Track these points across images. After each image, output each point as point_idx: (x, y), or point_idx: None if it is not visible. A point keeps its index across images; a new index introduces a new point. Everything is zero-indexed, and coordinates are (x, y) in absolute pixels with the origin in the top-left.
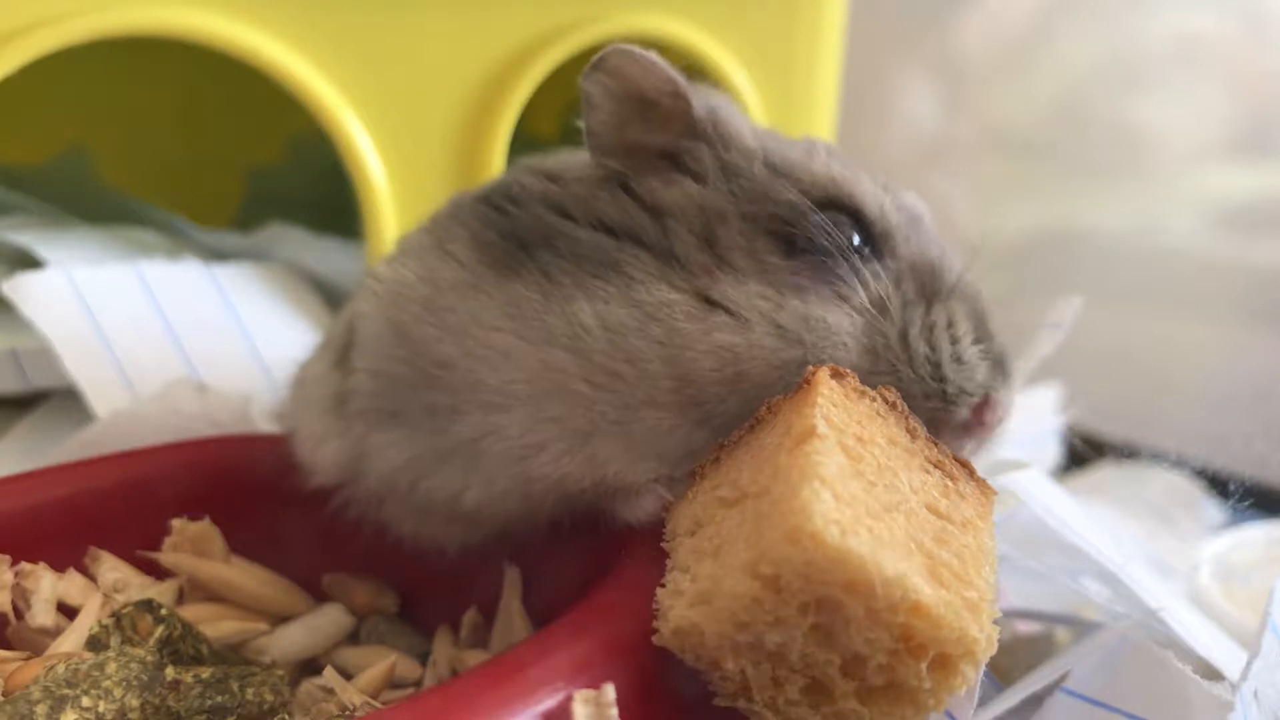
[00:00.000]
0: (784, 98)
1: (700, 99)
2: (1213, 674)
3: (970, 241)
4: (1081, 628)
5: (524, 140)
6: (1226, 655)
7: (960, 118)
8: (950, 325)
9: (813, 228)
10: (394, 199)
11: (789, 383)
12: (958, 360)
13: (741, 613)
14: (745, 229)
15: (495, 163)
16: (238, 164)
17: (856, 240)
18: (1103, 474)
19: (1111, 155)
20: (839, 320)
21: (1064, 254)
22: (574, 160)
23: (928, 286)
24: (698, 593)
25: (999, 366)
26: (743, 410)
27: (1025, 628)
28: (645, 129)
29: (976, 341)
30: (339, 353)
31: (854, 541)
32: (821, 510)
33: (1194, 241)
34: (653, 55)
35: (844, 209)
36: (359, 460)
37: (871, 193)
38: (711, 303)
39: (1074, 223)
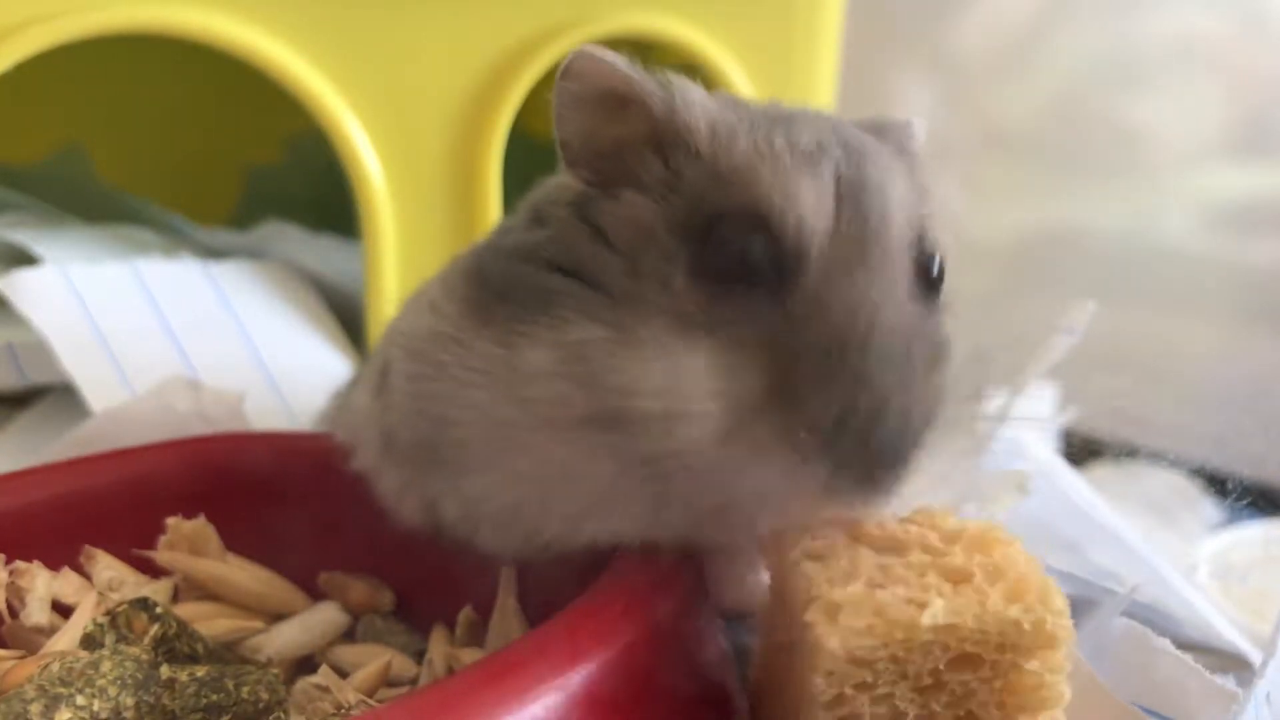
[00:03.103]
0: (781, 96)
1: (662, 98)
2: (1222, 660)
3: (966, 241)
4: (1076, 607)
5: (521, 139)
6: (1235, 645)
7: (957, 117)
8: (827, 402)
9: (713, 246)
10: (391, 197)
11: (677, 435)
12: (822, 440)
13: None
14: (669, 248)
15: (492, 162)
16: (235, 163)
17: (765, 261)
18: (1100, 473)
19: (1109, 155)
20: (699, 377)
21: (1061, 253)
22: (563, 185)
23: (834, 334)
24: None
25: (870, 458)
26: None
27: None
28: (610, 135)
29: (858, 430)
30: (377, 385)
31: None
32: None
33: (1191, 241)
34: (614, 55)
35: (755, 219)
36: (431, 508)
37: (794, 198)
38: (625, 338)
39: (1071, 222)
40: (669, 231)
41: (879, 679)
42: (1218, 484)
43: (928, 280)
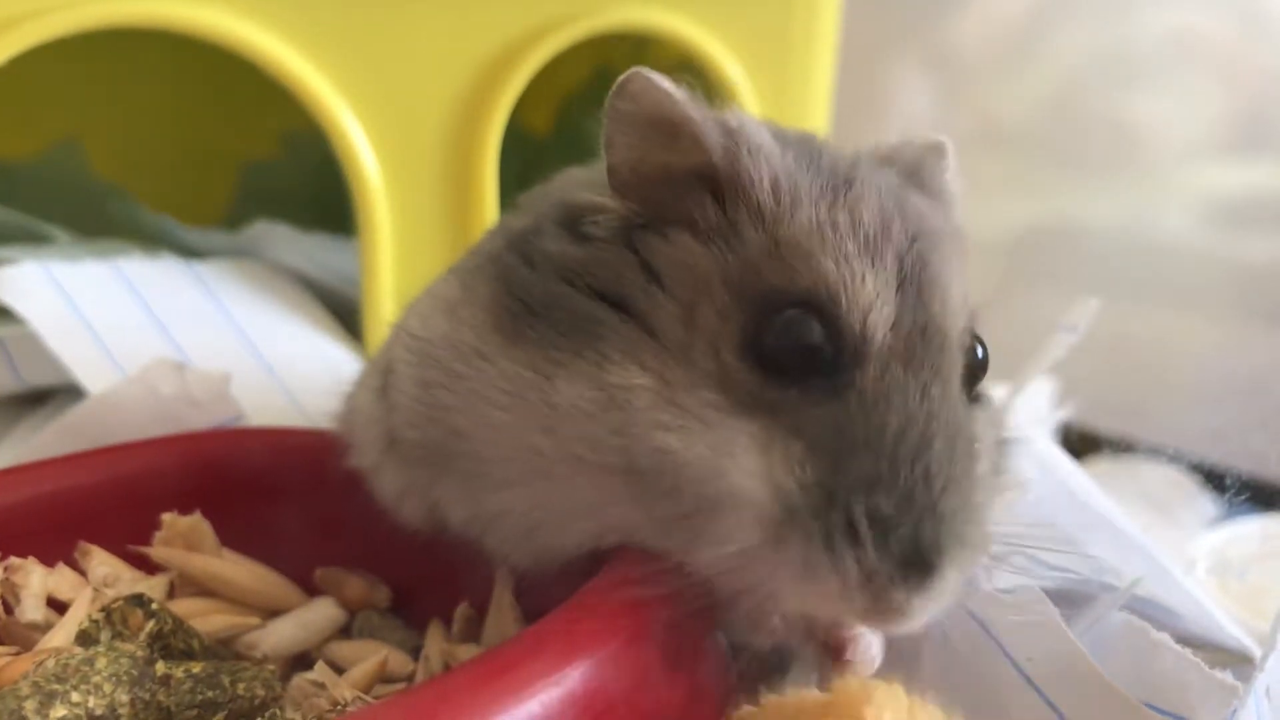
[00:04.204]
0: (779, 91)
1: (723, 140)
2: (1222, 655)
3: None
4: (1074, 601)
5: (517, 134)
6: (1235, 640)
7: (955, 112)
8: (877, 513)
9: (773, 331)
10: (388, 193)
11: (724, 520)
12: (865, 546)
13: None
14: (726, 310)
15: (489, 157)
16: (231, 159)
17: (825, 352)
18: (1098, 468)
19: (1107, 151)
20: (749, 464)
21: (1059, 249)
22: (604, 205)
23: (891, 435)
24: None
25: (908, 566)
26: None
27: None
28: (659, 161)
29: (901, 540)
30: (380, 387)
31: None
32: None
33: (1189, 237)
34: (670, 82)
35: (816, 309)
36: (434, 510)
37: (857, 289)
38: (673, 395)
39: (1069, 218)
40: (725, 287)
41: None
42: (1216, 479)
43: (973, 376)
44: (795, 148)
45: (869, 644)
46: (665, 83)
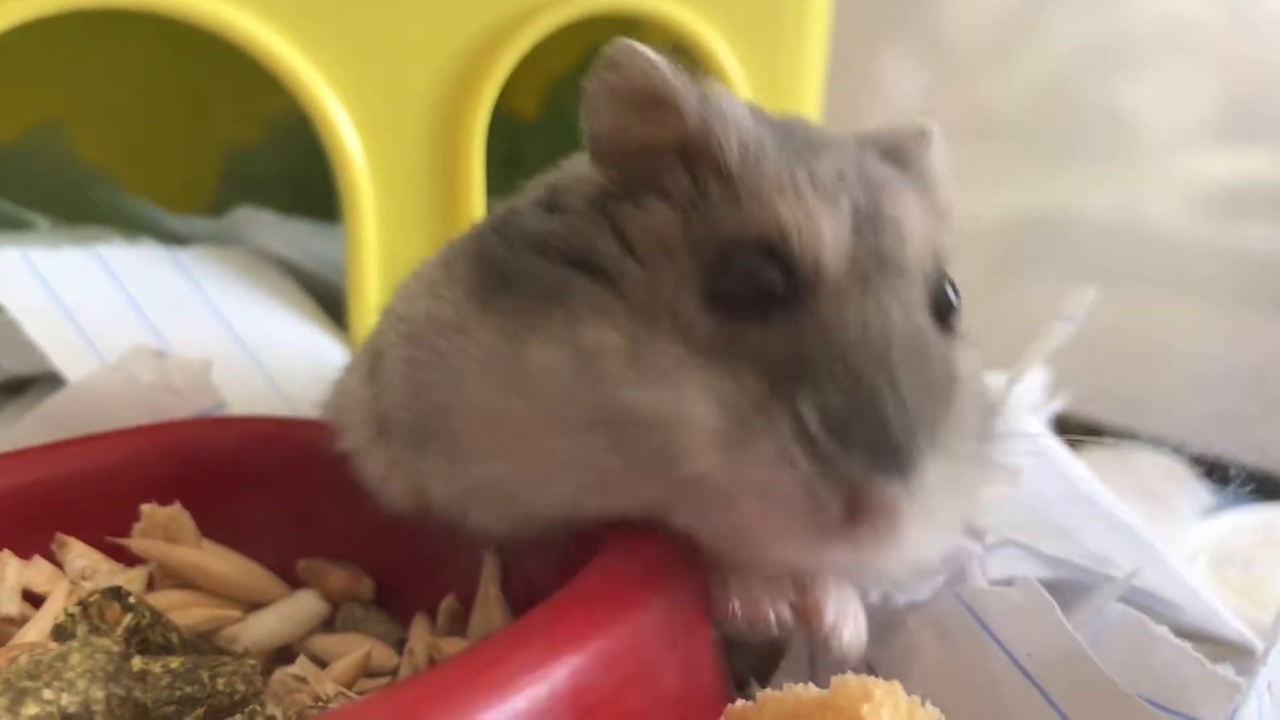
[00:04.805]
0: (770, 75)
1: (698, 107)
2: (1222, 649)
3: (955, 225)
4: (1072, 593)
5: (504, 118)
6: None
7: (947, 100)
8: (828, 406)
9: (730, 275)
10: (373, 178)
11: (677, 442)
12: (826, 448)
13: None
14: (687, 267)
15: (475, 141)
16: (215, 143)
17: (779, 289)
18: (1093, 457)
19: (1098, 139)
20: (706, 399)
21: (1050, 237)
22: (583, 177)
23: (844, 345)
24: None
25: (878, 453)
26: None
27: None
28: (641, 135)
29: (864, 428)
30: (370, 369)
31: None
32: None
33: (1180, 225)
34: (656, 54)
35: (770, 248)
36: (419, 490)
37: (811, 229)
38: (639, 351)
39: (1060, 206)
40: (689, 250)
41: None
42: (1217, 469)
43: (944, 312)
44: (770, 122)
45: (843, 610)
46: (650, 54)
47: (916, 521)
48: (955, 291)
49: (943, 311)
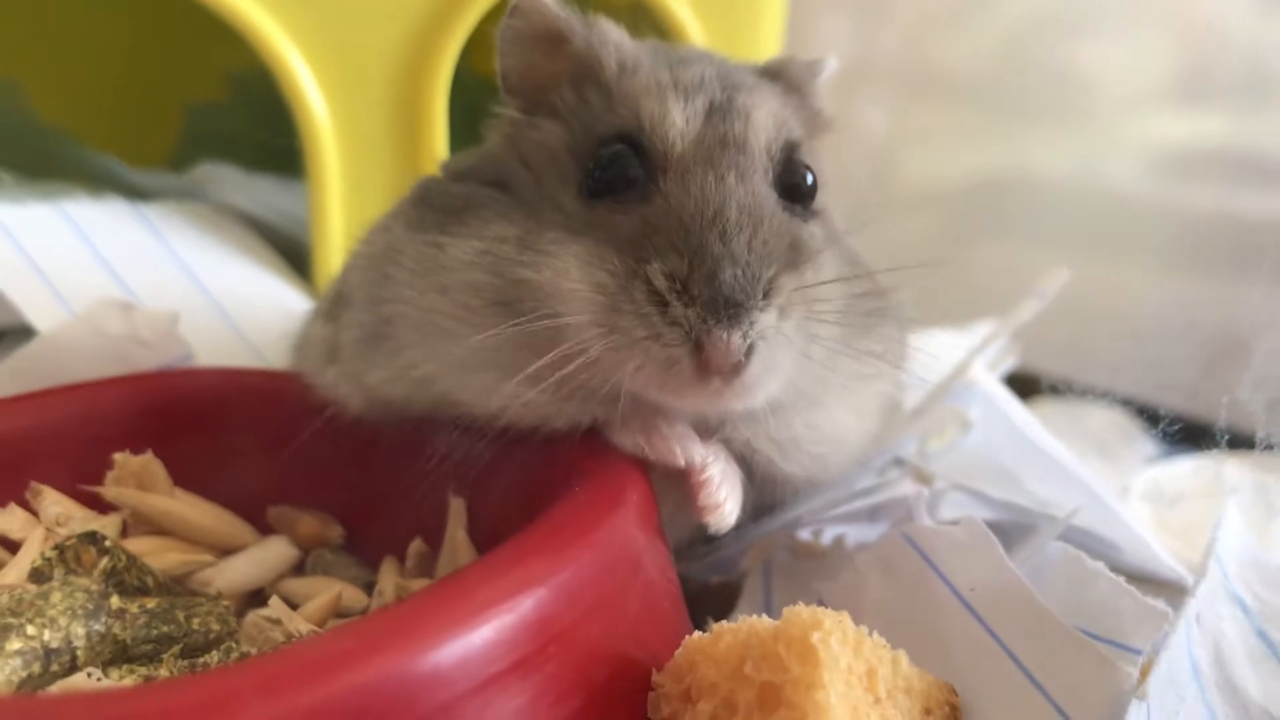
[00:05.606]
0: (728, 35)
1: (583, 32)
2: (1156, 587)
3: (913, 185)
4: (1016, 533)
5: (466, 77)
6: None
7: (905, 61)
8: (672, 271)
9: (598, 165)
10: (336, 134)
11: (559, 312)
12: (669, 304)
13: None
14: (568, 168)
15: (438, 99)
16: (176, 100)
17: (637, 171)
18: (1043, 410)
19: (1055, 101)
20: (576, 271)
21: (1006, 197)
22: (503, 120)
23: (685, 213)
24: None
25: (712, 307)
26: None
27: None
28: (547, 70)
29: (701, 286)
30: (329, 310)
31: None
32: None
33: (1134, 186)
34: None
35: (630, 139)
36: (362, 388)
37: (665, 119)
38: (530, 240)
39: (1017, 167)
40: (569, 153)
41: None
42: (1153, 418)
43: (798, 194)
44: (655, 48)
45: (694, 455)
46: (551, 1)
47: (758, 364)
48: (814, 176)
49: (797, 192)
